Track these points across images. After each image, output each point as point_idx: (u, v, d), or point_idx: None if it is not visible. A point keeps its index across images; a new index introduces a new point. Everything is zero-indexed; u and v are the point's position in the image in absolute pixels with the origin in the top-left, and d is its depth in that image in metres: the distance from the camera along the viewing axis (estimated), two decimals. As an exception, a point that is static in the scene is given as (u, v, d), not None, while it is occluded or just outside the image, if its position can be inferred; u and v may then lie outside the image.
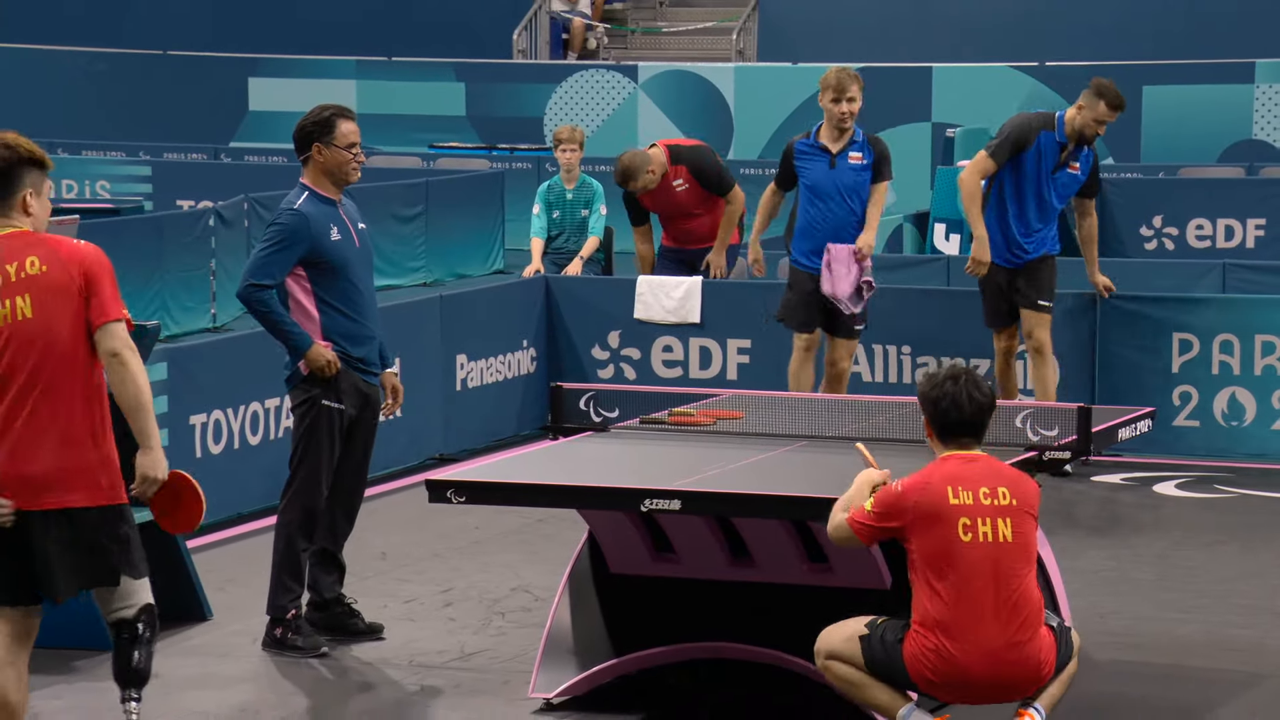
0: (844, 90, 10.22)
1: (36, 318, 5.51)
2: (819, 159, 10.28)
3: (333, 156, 7.41)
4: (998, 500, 5.83)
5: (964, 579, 5.79)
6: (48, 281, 5.52)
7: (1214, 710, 6.83)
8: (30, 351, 5.51)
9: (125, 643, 5.70)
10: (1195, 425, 10.90)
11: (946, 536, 5.80)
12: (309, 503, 7.40)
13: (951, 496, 5.83)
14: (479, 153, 21.42)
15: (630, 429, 7.49)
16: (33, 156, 5.65)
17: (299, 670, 7.26)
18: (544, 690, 6.76)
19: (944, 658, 5.80)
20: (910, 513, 5.85)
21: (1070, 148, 10.33)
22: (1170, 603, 8.19)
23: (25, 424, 5.51)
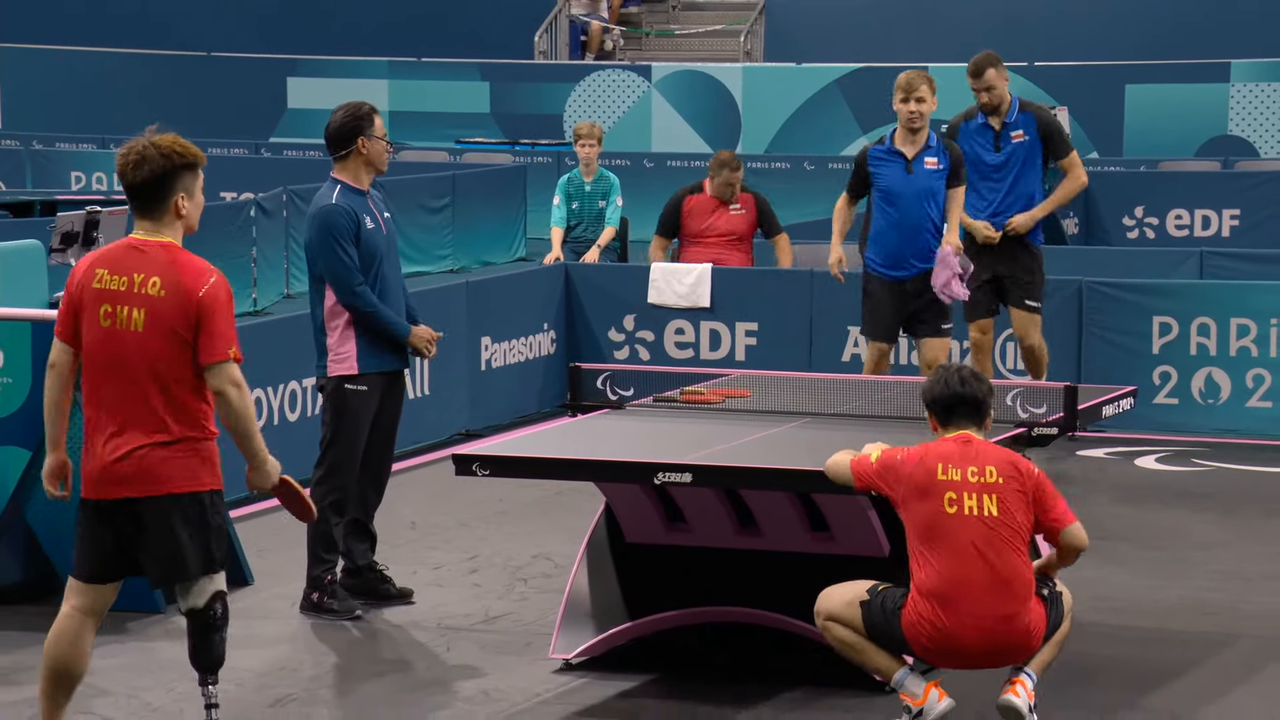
0: (912, 89, 9.35)
1: (146, 332, 5.51)
2: (894, 164, 9.36)
3: (374, 148, 7.41)
4: (985, 478, 5.82)
5: (952, 551, 5.79)
6: (163, 307, 5.51)
7: (1192, 670, 6.81)
8: (133, 357, 5.51)
9: (199, 630, 5.66)
10: (1174, 403, 10.87)
11: (934, 509, 5.81)
12: (340, 482, 7.40)
13: (940, 473, 5.83)
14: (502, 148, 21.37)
15: (644, 407, 7.47)
16: (185, 160, 5.65)
17: (334, 632, 7.25)
18: (563, 651, 6.75)
19: (938, 627, 5.79)
20: (904, 483, 5.86)
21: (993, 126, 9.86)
22: (1150, 569, 8.17)
23: (120, 418, 5.51)
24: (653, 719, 6.27)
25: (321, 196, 7.44)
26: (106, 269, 5.58)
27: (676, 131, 21.70)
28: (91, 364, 5.57)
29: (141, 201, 5.63)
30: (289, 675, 6.70)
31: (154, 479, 5.52)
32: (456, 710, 6.38)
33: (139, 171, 5.59)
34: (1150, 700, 6.49)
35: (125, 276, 5.55)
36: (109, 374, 5.54)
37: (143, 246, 5.60)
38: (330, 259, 7.32)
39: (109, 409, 5.55)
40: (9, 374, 7.44)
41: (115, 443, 5.54)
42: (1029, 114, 9.89)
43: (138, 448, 5.52)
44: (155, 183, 5.59)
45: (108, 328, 5.54)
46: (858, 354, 11.18)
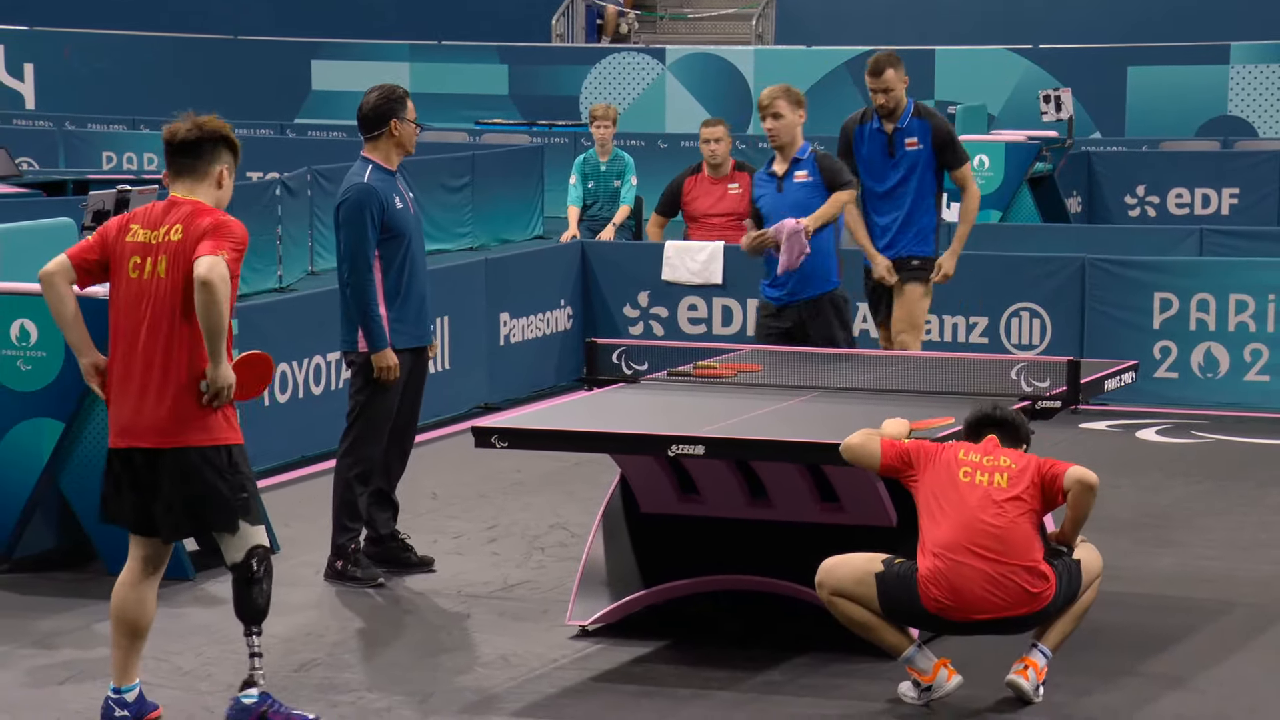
0: (767, 108, 8.40)
1: (168, 278, 5.55)
2: (770, 185, 8.54)
3: (405, 130, 7.40)
4: (998, 462, 6.02)
5: (963, 510, 5.90)
6: (180, 249, 5.57)
7: (1190, 635, 6.81)
8: (159, 307, 5.55)
9: (241, 584, 5.68)
10: (1174, 377, 10.85)
11: (949, 477, 5.97)
12: (366, 454, 7.40)
13: (961, 454, 6.05)
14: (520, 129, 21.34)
15: (658, 381, 7.47)
16: (232, 141, 5.74)
17: (358, 598, 7.27)
18: (580, 618, 6.76)
19: (952, 584, 5.85)
20: (928, 466, 6.02)
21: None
22: (1149, 538, 8.16)
23: (146, 370, 5.55)
24: (666, 683, 6.28)
25: (354, 175, 7.42)
26: (140, 224, 5.65)
27: (690, 112, 21.64)
28: (120, 316, 5.61)
29: (185, 159, 5.69)
30: (314, 640, 6.71)
31: (178, 430, 5.54)
32: (476, 675, 6.39)
33: (191, 132, 5.68)
34: (1150, 665, 6.49)
35: (154, 230, 5.61)
36: (136, 326, 5.57)
37: (175, 203, 5.66)
38: (352, 235, 7.31)
39: (135, 361, 5.58)
40: (42, 348, 7.46)
41: (140, 394, 5.56)
42: (924, 120, 8.93)
43: (162, 399, 5.54)
44: (204, 145, 5.68)
45: (135, 278, 5.59)
46: (866, 329, 11.16)
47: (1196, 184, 17.12)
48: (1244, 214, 16.69)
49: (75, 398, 7.42)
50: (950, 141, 8.93)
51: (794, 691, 6.18)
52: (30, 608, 7.12)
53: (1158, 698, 6.17)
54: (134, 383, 5.58)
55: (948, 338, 11.12)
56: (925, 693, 5.97)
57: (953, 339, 11.11)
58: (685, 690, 6.20)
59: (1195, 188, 17.13)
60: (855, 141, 8.93)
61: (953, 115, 16.62)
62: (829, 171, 8.40)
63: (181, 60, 23.76)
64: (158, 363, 5.56)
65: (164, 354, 5.56)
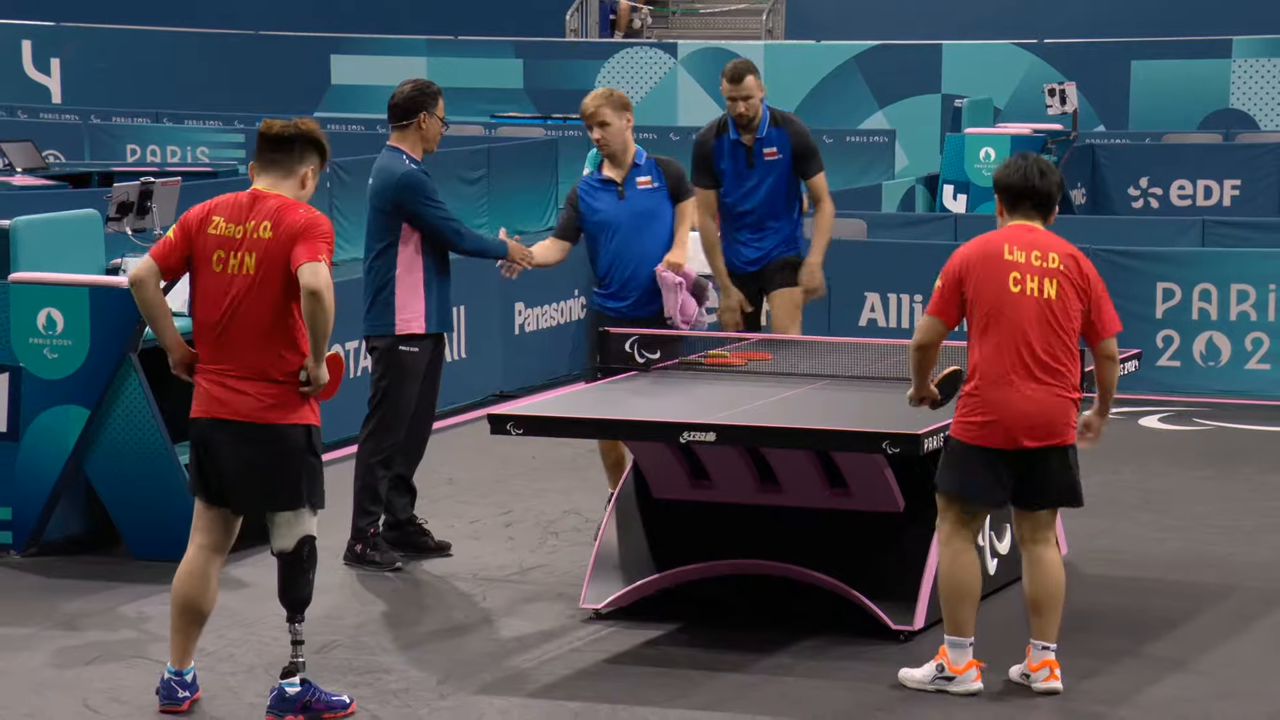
0: (594, 118, 7.81)
1: (256, 274, 5.59)
2: (607, 192, 7.82)
3: (433, 126, 7.40)
4: (1047, 264, 5.87)
5: (1011, 327, 5.80)
6: (271, 247, 5.59)
7: (1192, 618, 6.80)
8: (245, 300, 5.59)
9: (287, 570, 5.70)
10: (1177, 365, 10.83)
11: (999, 288, 5.82)
12: (387, 440, 7.41)
13: (1007, 252, 5.87)
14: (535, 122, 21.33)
15: (670, 369, 7.46)
16: (325, 148, 5.78)
17: (377, 582, 7.28)
18: (593, 601, 6.76)
19: (990, 400, 5.80)
20: (965, 264, 5.85)
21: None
22: (1153, 523, 8.15)
23: (229, 359, 5.61)
24: (678, 665, 6.28)
25: (393, 163, 7.38)
26: (223, 217, 5.66)
27: (701, 106, 21.62)
28: (204, 307, 5.65)
29: (276, 154, 5.72)
30: (334, 623, 6.72)
31: (260, 409, 5.60)
32: (492, 656, 6.39)
33: (287, 129, 5.72)
34: (1152, 647, 6.48)
35: (240, 225, 5.64)
36: (221, 318, 5.62)
37: (261, 196, 5.68)
38: (431, 215, 7.30)
39: (219, 351, 5.63)
40: (68, 336, 7.47)
41: (226, 383, 5.62)
42: (782, 128, 8.27)
43: (245, 384, 5.60)
44: (296, 143, 5.71)
45: (219, 272, 5.63)
46: (874, 318, 11.15)
47: (1199, 176, 17.08)
48: (1245, 205, 16.65)
49: (101, 385, 7.43)
50: (808, 149, 8.28)
51: (803, 673, 6.18)
52: (56, 590, 7.14)
53: (1160, 680, 6.17)
54: (219, 373, 5.64)
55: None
56: (944, 680, 5.93)
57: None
58: (697, 672, 6.20)
59: (1198, 179, 17.09)
60: (714, 156, 8.24)
61: (959, 108, 16.61)
62: (675, 178, 7.76)
63: (204, 55, 23.78)
64: (243, 355, 5.60)
65: (250, 347, 5.60)
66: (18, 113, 21.68)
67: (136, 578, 7.25)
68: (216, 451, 5.67)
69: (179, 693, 5.77)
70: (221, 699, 5.98)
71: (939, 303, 5.95)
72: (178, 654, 5.77)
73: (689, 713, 5.87)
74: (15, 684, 6.12)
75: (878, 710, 5.90)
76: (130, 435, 7.43)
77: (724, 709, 5.90)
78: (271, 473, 5.63)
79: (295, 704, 5.70)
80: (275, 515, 5.68)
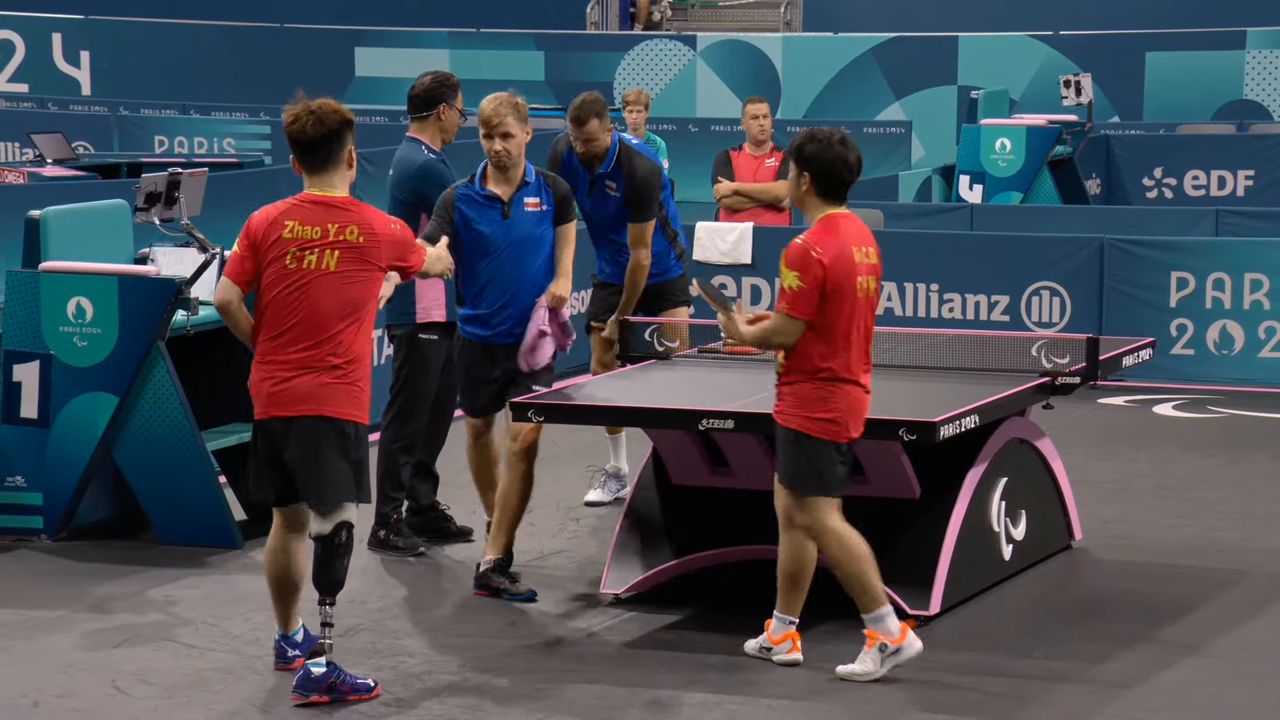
0: (494, 126, 6.95)
1: (339, 271, 5.70)
2: (490, 208, 7.00)
3: (451, 118, 7.40)
4: (869, 259, 6.00)
5: (847, 329, 5.90)
6: (361, 252, 5.72)
7: (1204, 603, 6.78)
8: (318, 296, 5.69)
9: (324, 553, 5.76)
10: (1190, 354, 10.80)
11: (849, 291, 5.90)
12: (409, 426, 7.42)
13: (855, 255, 5.95)
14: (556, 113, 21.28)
15: (689, 358, 7.46)
16: (349, 118, 5.87)
17: (400, 567, 7.29)
18: (613, 587, 6.77)
19: (854, 396, 5.90)
20: (825, 270, 5.87)
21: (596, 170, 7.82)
22: (1166, 510, 8.13)
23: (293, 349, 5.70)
24: (696, 649, 6.28)
25: (413, 154, 7.38)
26: (297, 220, 5.76)
27: (720, 98, 21.59)
28: (276, 300, 5.73)
29: (320, 157, 5.80)
30: (358, 607, 6.74)
31: (317, 401, 5.69)
32: (513, 641, 6.40)
33: (319, 128, 5.77)
34: (1164, 632, 6.47)
35: (319, 226, 5.74)
36: (290, 311, 5.71)
37: (328, 202, 5.78)
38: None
39: (289, 342, 5.71)
40: (97, 324, 7.49)
41: (286, 370, 5.71)
42: (620, 169, 7.76)
43: (310, 375, 5.69)
44: (333, 137, 5.78)
45: (294, 269, 5.72)
46: (890, 307, 11.14)
47: (1213, 166, 17.01)
48: (1259, 195, 16.58)
49: (129, 373, 7.45)
50: (638, 196, 7.69)
51: (819, 658, 6.18)
52: (86, 574, 7.17)
53: (1172, 664, 6.16)
54: (283, 362, 5.72)
55: (969, 316, 11.09)
56: (893, 656, 5.94)
57: (974, 317, 11.08)
58: (714, 657, 6.20)
59: (1211, 170, 17.01)
60: (564, 165, 7.84)
61: (975, 100, 16.56)
62: (561, 199, 6.98)
63: (231, 48, 23.81)
64: (315, 346, 5.69)
65: (325, 341, 5.69)
66: (48, 105, 21.74)
67: (164, 562, 7.27)
68: (276, 454, 5.76)
69: (289, 652, 5.98)
70: (248, 681, 6.00)
71: (805, 308, 5.87)
72: (281, 620, 5.97)
73: (707, 696, 5.88)
74: (46, 665, 6.15)
75: (892, 695, 5.89)
76: (158, 422, 7.46)
77: (742, 693, 5.90)
78: (317, 467, 5.71)
79: (320, 684, 5.74)
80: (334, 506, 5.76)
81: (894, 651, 5.92)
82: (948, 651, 6.24)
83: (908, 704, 5.81)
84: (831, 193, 5.96)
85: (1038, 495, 7.18)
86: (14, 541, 7.55)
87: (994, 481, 6.81)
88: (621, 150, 7.80)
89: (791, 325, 5.89)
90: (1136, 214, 14.17)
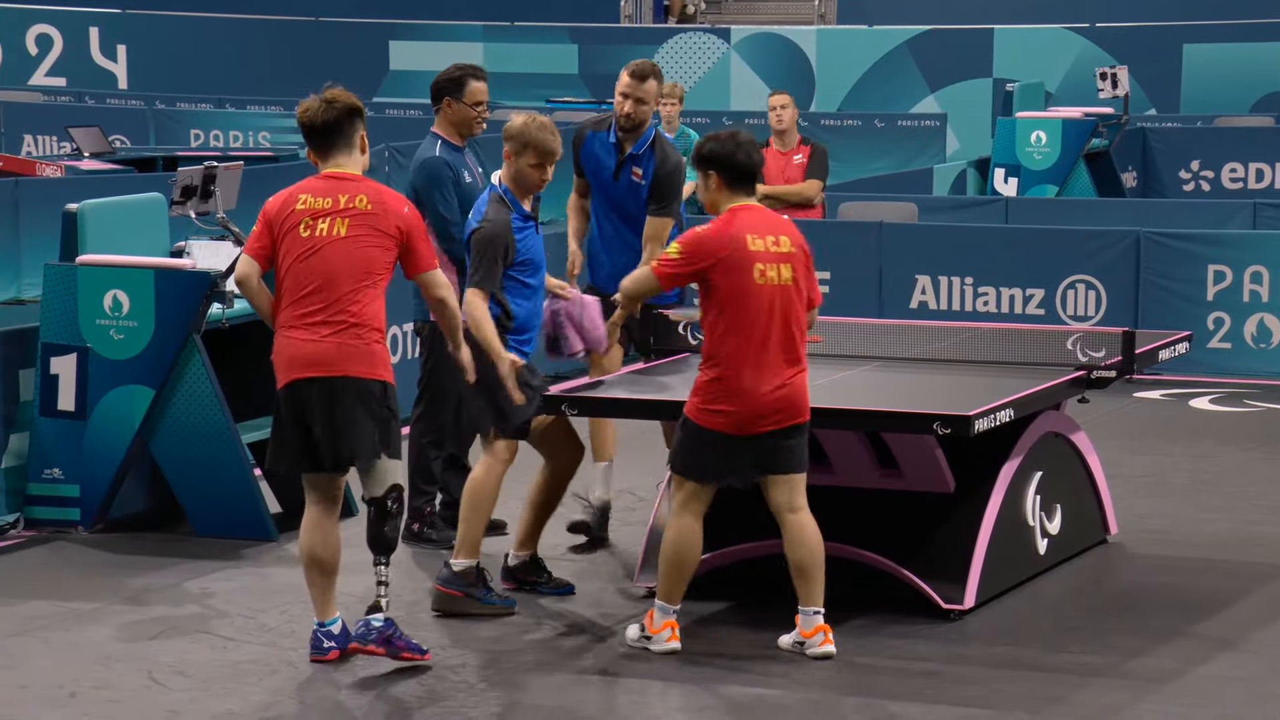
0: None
1: (349, 237, 5.87)
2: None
3: (459, 112, 7.38)
4: (779, 247, 6.00)
5: (751, 318, 5.92)
6: (371, 216, 5.90)
7: (1241, 598, 6.75)
8: (335, 261, 5.86)
9: (378, 518, 5.94)
10: (1227, 347, 10.74)
11: (744, 279, 5.94)
12: (437, 420, 7.43)
13: (750, 243, 5.98)
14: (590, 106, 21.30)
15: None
16: (359, 106, 6.03)
17: (433, 560, 7.30)
18: (647, 580, 6.77)
19: (740, 389, 5.92)
20: (714, 256, 5.95)
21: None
22: (1202, 504, 8.09)
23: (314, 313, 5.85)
24: (729, 644, 6.28)
25: (424, 149, 7.44)
26: (309, 194, 5.96)
27: (754, 91, 21.55)
28: (292, 268, 5.90)
29: (332, 139, 5.98)
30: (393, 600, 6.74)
31: (339, 362, 5.86)
32: (546, 633, 6.41)
33: (329, 111, 5.97)
34: (1201, 627, 6.44)
35: (330, 198, 5.93)
36: (308, 277, 5.88)
37: (342, 176, 5.97)
38: (434, 204, 7.31)
39: (306, 306, 5.88)
40: (133, 318, 7.53)
41: (309, 334, 5.86)
42: (652, 153, 7.41)
43: (327, 335, 5.86)
44: (344, 119, 5.97)
45: (307, 237, 5.89)
46: (925, 301, 11.11)
47: (1250, 159, 16.91)
48: (1297, 188, 16.48)
49: (165, 365, 7.49)
50: (664, 186, 7.35)
51: (852, 652, 6.17)
52: (123, 566, 7.21)
53: (1209, 659, 6.13)
54: (302, 326, 5.89)
55: (1004, 309, 11.06)
56: (644, 639, 6.12)
57: (1009, 310, 11.04)
58: (748, 650, 6.20)
59: (1249, 162, 16.92)
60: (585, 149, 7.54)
61: (1010, 92, 16.50)
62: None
63: (266, 41, 23.88)
64: (330, 308, 5.86)
65: (339, 301, 5.86)
66: (85, 98, 21.85)
67: (200, 554, 7.31)
68: (299, 418, 5.90)
69: (324, 643, 6.03)
70: (283, 673, 6.02)
71: (667, 271, 6.03)
72: (319, 606, 6.03)
73: (740, 690, 5.88)
74: (83, 656, 6.18)
75: (927, 689, 5.88)
76: (194, 415, 7.49)
77: (774, 687, 5.90)
78: (348, 425, 5.88)
79: (379, 635, 5.92)
80: (370, 464, 5.91)
81: (647, 637, 6.11)
82: (982, 646, 6.22)
83: (941, 697, 5.80)
84: (738, 183, 6.09)
85: (1073, 489, 7.15)
86: (51, 533, 7.59)
87: (1029, 475, 6.79)
88: (657, 135, 7.56)
89: (647, 279, 6.14)
90: (1173, 207, 14.11)
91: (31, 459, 7.64)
